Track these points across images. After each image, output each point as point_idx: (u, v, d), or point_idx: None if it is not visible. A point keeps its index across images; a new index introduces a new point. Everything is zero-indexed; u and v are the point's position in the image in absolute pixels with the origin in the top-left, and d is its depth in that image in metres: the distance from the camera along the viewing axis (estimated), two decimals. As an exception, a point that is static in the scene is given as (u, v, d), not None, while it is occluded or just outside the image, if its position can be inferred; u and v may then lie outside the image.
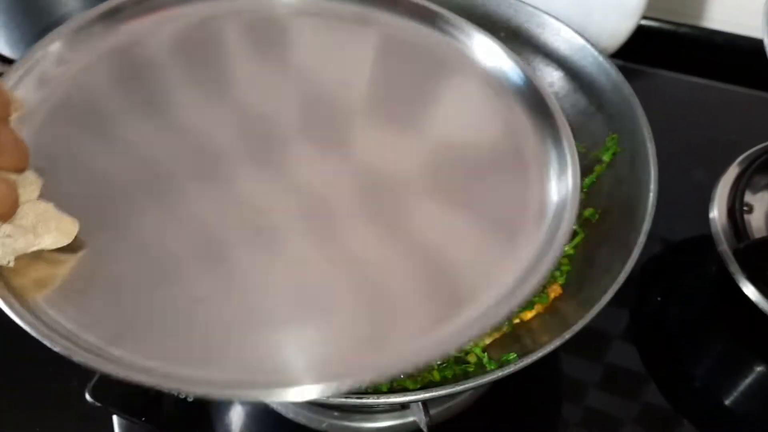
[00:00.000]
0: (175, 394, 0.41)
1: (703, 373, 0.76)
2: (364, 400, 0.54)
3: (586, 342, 0.78)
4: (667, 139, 0.93)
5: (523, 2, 0.75)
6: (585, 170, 0.71)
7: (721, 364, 0.77)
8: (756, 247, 0.76)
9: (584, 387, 0.75)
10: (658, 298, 0.82)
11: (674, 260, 0.86)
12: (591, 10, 0.98)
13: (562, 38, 0.73)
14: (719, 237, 0.80)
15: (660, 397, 0.73)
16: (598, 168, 0.69)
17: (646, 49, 1.03)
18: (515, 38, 0.77)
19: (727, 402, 0.73)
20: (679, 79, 1.01)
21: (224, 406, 0.73)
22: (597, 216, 0.67)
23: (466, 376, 0.58)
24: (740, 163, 0.86)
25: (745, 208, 0.82)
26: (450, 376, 0.60)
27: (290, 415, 0.71)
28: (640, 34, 1.01)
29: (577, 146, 0.72)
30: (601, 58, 0.69)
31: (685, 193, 0.88)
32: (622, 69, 1.01)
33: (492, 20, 0.78)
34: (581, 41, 0.71)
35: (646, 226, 0.59)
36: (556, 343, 0.54)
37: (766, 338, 0.78)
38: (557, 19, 0.73)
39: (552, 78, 0.75)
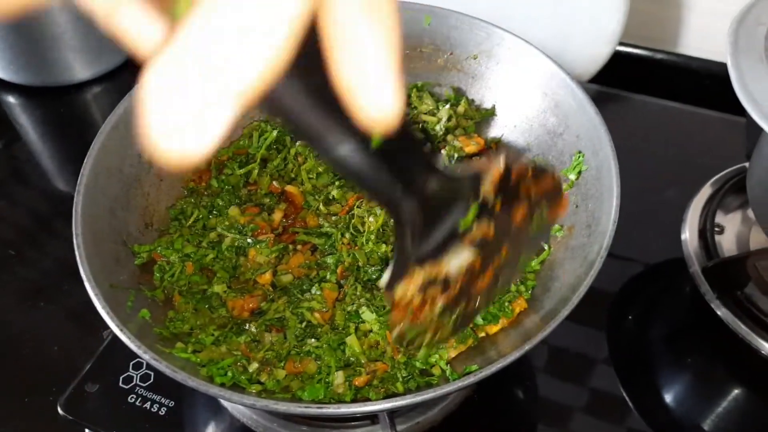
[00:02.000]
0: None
1: (679, 395, 0.76)
2: (323, 410, 0.55)
3: (564, 364, 0.78)
4: (643, 162, 0.94)
5: (494, 25, 0.76)
6: (553, 188, 0.72)
7: (696, 385, 0.77)
8: (724, 267, 0.77)
9: (560, 408, 0.74)
10: (636, 321, 0.82)
11: (651, 282, 0.86)
12: (569, 37, 1.00)
13: (531, 60, 0.74)
14: (691, 258, 0.80)
15: (638, 420, 0.73)
16: (564, 187, 0.70)
17: (623, 75, 1.05)
18: (489, 59, 0.79)
19: (701, 423, 0.73)
20: (655, 103, 1.03)
21: (196, 420, 0.73)
22: (563, 232, 0.68)
23: (429, 387, 0.58)
24: (713, 184, 0.87)
25: (716, 229, 0.83)
26: (414, 388, 0.60)
27: (260, 430, 0.71)
28: (617, 59, 1.03)
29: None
30: (568, 79, 0.70)
31: (661, 213, 0.89)
32: (599, 93, 1.04)
33: (465, 44, 0.80)
34: (549, 63, 0.72)
35: (608, 241, 0.59)
36: (516, 354, 0.55)
37: (740, 358, 0.78)
38: (527, 41, 0.74)
39: (523, 98, 0.77)
